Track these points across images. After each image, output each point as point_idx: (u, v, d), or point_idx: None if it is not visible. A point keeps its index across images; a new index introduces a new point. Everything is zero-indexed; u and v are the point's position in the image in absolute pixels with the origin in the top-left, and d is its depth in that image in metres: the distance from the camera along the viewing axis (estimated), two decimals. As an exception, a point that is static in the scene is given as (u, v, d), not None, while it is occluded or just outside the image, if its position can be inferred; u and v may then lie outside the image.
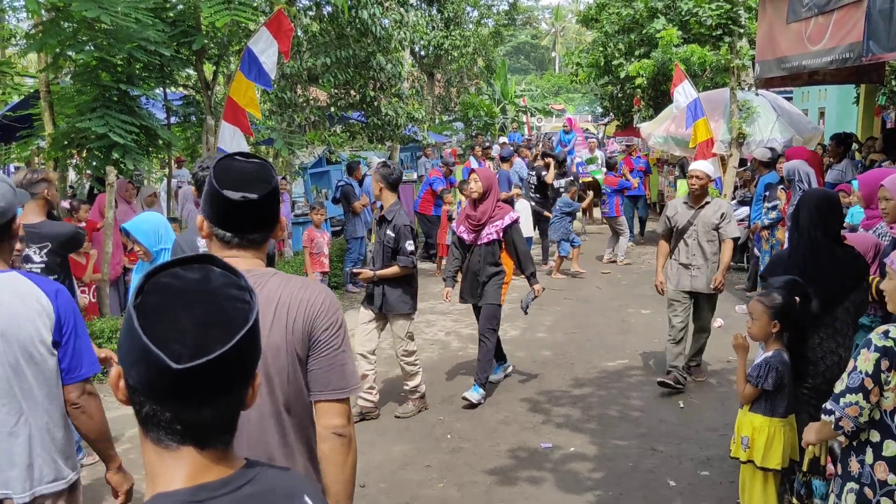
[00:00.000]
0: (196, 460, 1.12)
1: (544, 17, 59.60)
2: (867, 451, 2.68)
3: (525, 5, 30.59)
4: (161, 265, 1.14)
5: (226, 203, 1.93)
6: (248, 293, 1.16)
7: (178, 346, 1.06)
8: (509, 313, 9.12)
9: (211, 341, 1.08)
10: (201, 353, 1.06)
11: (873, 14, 6.91)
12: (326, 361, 2.05)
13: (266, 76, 7.80)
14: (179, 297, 1.11)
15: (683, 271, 6.23)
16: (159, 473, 1.12)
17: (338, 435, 2.06)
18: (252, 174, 1.96)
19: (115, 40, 7.03)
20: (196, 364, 1.05)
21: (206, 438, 1.13)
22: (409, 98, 14.41)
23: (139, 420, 1.13)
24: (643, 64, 14.98)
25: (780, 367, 3.49)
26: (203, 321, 1.10)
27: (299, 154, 13.03)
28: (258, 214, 1.99)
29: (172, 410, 1.10)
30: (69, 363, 2.57)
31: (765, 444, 3.48)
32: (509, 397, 6.28)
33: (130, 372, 1.11)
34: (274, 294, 2.02)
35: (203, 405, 1.11)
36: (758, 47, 10.28)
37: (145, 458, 1.15)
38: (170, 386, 1.07)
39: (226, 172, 1.95)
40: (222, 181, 1.93)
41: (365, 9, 11.69)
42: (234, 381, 1.13)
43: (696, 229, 6.18)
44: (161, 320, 1.08)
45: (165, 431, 1.11)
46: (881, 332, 2.62)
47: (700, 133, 11.35)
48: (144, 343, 1.06)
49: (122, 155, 7.23)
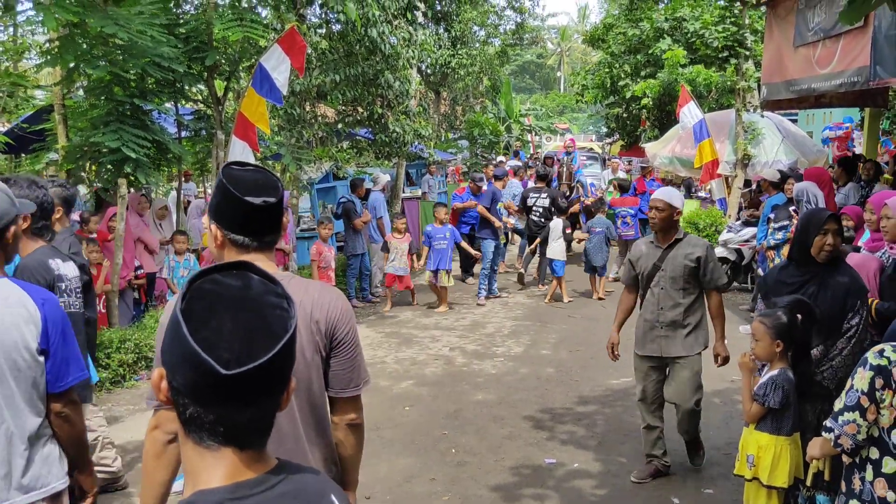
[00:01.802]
0: (235, 460, 1.17)
1: (550, 36, 59.95)
2: (867, 468, 2.72)
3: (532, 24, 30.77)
4: (201, 271, 1.20)
5: (248, 208, 2.02)
6: (285, 301, 1.21)
7: (225, 352, 1.11)
8: (514, 329, 9.18)
9: (256, 348, 1.13)
10: (247, 360, 1.11)
11: (879, 39, 7.02)
12: (347, 362, 2.20)
13: (277, 92, 7.91)
14: (223, 304, 1.16)
15: (649, 331, 4.91)
16: (200, 472, 1.18)
17: (355, 426, 2.28)
18: (263, 181, 2.08)
19: (129, 56, 7.13)
20: (243, 370, 1.11)
21: (246, 440, 1.19)
22: (416, 115, 14.52)
23: (182, 421, 1.18)
24: (649, 84, 15.11)
25: (785, 385, 3.52)
26: (247, 328, 1.14)
27: (307, 169, 13.11)
28: (274, 217, 2.10)
29: (216, 413, 1.15)
30: (55, 372, 2.54)
31: (771, 462, 3.51)
32: (514, 413, 6.31)
33: (175, 375, 1.15)
34: (295, 297, 2.08)
35: (245, 408, 1.16)
36: (765, 69, 10.40)
37: (185, 456, 1.20)
38: (216, 390, 1.12)
39: (240, 181, 2.04)
40: (240, 188, 2.02)
41: (374, 27, 11.82)
42: (275, 386, 1.18)
43: (665, 275, 4.83)
44: (207, 326, 1.13)
45: (208, 433, 1.16)
46: (876, 351, 2.67)
47: (705, 154, 11.45)
48: (193, 348, 1.10)
49: (134, 169, 7.32)
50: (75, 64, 7.35)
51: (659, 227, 4.84)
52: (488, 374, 7.45)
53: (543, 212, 11.36)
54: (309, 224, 12.65)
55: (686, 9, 15.48)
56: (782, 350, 3.59)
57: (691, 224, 11.82)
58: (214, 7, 8.42)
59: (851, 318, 3.70)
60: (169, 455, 2.13)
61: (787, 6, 9.59)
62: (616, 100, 17.73)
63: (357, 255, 10.73)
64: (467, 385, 7.07)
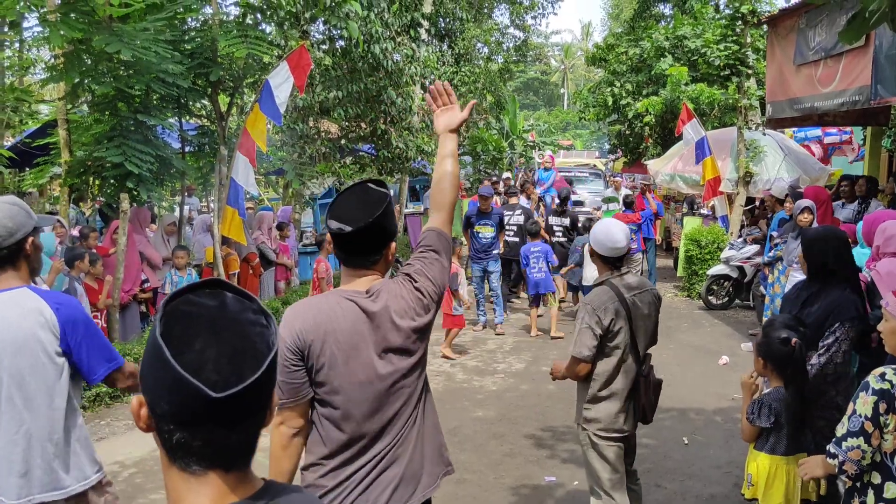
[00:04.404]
0: (221, 484, 1.14)
1: (554, 53, 60.22)
2: (868, 492, 2.69)
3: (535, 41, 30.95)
4: (174, 293, 1.17)
5: (334, 235, 2.38)
6: (263, 317, 1.19)
7: (212, 374, 1.08)
8: (515, 345, 9.16)
9: (243, 368, 1.10)
10: (236, 381, 1.09)
11: (880, 59, 7.06)
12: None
13: (277, 110, 7.95)
14: (203, 325, 1.13)
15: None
16: (185, 499, 1.14)
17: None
18: (354, 204, 2.38)
19: (134, 72, 7.17)
20: (233, 392, 1.08)
21: (233, 462, 1.16)
22: (419, 131, 14.58)
23: (166, 448, 1.15)
24: (651, 101, 15.15)
25: (774, 403, 3.47)
26: (231, 348, 1.12)
27: (310, 185, 13.17)
28: (358, 241, 2.37)
29: (204, 437, 1.12)
30: (86, 367, 2.74)
31: (766, 481, 3.48)
32: (514, 430, 6.29)
33: (159, 402, 1.11)
34: (391, 302, 2.41)
35: (233, 430, 1.13)
36: (768, 88, 10.45)
37: (169, 484, 1.17)
38: (205, 414, 1.09)
39: (336, 206, 2.39)
40: (331, 214, 2.38)
41: (377, 43, 11.90)
42: (262, 405, 1.16)
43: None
44: (191, 349, 1.10)
45: (196, 458, 1.13)
46: (878, 375, 2.64)
47: (707, 171, 11.47)
48: (178, 373, 1.07)
49: (137, 184, 7.34)
50: (80, 80, 7.40)
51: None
52: (489, 390, 7.43)
53: (518, 230, 10.76)
54: (311, 239, 12.67)
55: (687, 27, 15.56)
56: (772, 368, 3.56)
57: (693, 241, 11.83)
58: (220, 24, 8.48)
59: (827, 338, 3.67)
60: (294, 447, 2.33)
61: (787, 25, 9.65)
62: (618, 118, 17.79)
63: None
64: (467, 402, 7.05)
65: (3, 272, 2.68)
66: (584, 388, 3.86)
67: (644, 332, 3.83)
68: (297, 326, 2.26)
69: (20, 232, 2.67)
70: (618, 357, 3.74)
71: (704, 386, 7.28)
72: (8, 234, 2.64)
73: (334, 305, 2.31)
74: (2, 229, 2.63)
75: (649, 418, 3.97)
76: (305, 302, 2.39)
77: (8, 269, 2.69)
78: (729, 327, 10.01)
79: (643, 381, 3.82)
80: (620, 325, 3.70)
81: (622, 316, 3.71)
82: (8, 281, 2.68)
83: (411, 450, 2.39)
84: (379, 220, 2.31)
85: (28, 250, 2.72)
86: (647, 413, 3.92)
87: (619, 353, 3.74)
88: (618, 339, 3.72)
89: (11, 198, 2.78)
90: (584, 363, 3.72)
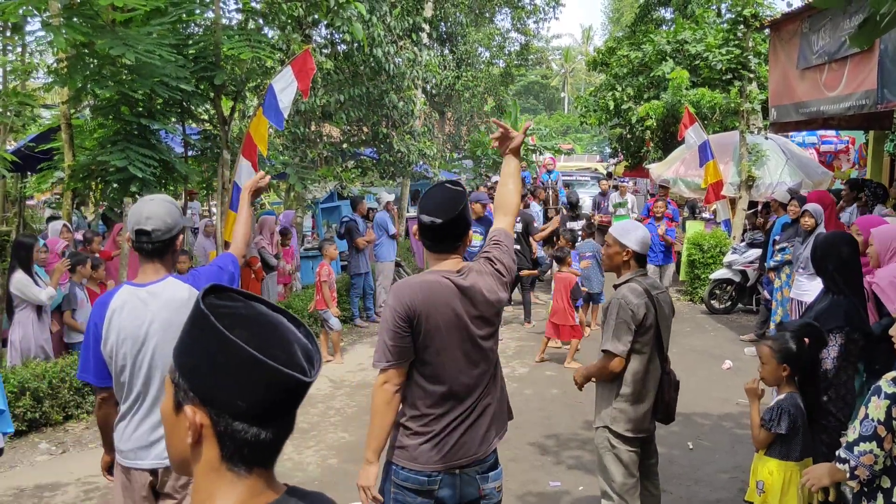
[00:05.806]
0: (262, 481, 1.15)
1: (555, 57, 60.24)
2: (878, 496, 2.68)
3: (536, 45, 30.97)
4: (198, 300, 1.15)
5: (423, 225, 2.79)
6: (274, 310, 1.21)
7: (299, 360, 1.13)
8: (517, 350, 9.13)
9: (306, 358, 1.15)
10: (311, 367, 1.14)
11: (886, 63, 7.05)
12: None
13: (280, 114, 7.93)
14: (248, 320, 1.14)
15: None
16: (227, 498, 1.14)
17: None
18: (441, 200, 2.77)
19: (137, 76, 7.16)
20: (315, 376, 1.13)
21: (272, 458, 1.17)
22: (421, 135, 14.57)
23: (224, 450, 1.13)
24: (653, 105, 15.13)
25: (792, 410, 3.48)
26: (283, 339, 1.15)
27: (311, 188, 13.15)
28: (443, 231, 2.77)
29: (275, 430, 1.13)
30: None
31: (781, 488, 3.46)
32: (518, 435, 6.26)
33: (234, 401, 1.11)
34: (477, 282, 2.80)
35: (294, 421, 1.18)
36: (772, 92, 10.43)
37: (209, 486, 1.15)
38: (291, 402, 1.14)
39: (427, 198, 2.79)
40: (421, 208, 2.78)
41: (379, 48, 11.89)
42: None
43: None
44: (271, 345, 1.11)
45: (252, 454, 1.13)
46: (890, 379, 2.62)
47: (709, 175, 11.46)
48: (270, 366, 1.08)
49: (140, 188, 7.32)
50: (83, 84, 7.38)
51: (607, 267, 4.10)
52: (493, 395, 7.39)
53: (517, 237, 10.90)
54: (313, 243, 12.63)
55: (688, 31, 15.55)
56: (789, 374, 3.55)
57: (696, 245, 11.81)
58: (222, 28, 8.47)
59: (846, 342, 3.65)
60: (395, 402, 2.74)
61: (790, 30, 9.64)
62: (619, 122, 17.77)
63: (360, 275, 10.67)
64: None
65: (152, 263, 2.94)
66: (608, 388, 3.82)
67: (666, 332, 3.83)
68: (408, 300, 2.65)
69: (176, 228, 2.94)
70: (647, 355, 3.73)
71: (708, 390, 7.26)
72: (167, 230, 2.89)
73: (434, 283, 2.70)
74: (163, 224, 2.87)
75: (672, 417, 3.95)
76: (412, 279, 2.77)
77: (156, 261, 2.94)
78: (732, 331, 9.98)
79: (667, 380, 3.81)
80: (651, 321, 3.71)
81: (652, 313, 3.71)
82: (157, 272, 2.94)
83: (493, 402, 2.85)
84: (462, 212, 2.74)
85: (178, 245, 3.00)
86: (670, 412, 3.91)
87: (649, 351, 3.73)
88: (648, 335, 3.71)
89: (167, 197, 3.03)
90: (619, 358, 3.70)
